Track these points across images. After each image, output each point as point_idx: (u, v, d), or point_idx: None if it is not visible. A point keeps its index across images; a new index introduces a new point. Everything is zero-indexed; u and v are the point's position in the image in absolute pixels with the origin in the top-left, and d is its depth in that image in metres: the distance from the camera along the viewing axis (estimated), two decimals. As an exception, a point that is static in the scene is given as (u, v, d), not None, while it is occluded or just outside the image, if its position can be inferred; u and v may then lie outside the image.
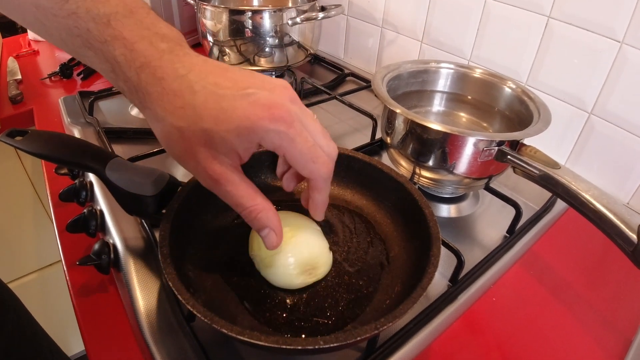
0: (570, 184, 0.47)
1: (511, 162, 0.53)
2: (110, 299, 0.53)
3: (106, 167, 0.47)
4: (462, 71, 0.70)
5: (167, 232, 0.43)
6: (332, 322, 0.43)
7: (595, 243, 0.64)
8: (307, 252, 0.46)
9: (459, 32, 0.85)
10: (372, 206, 0.55)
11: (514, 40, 0.77)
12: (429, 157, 0.57)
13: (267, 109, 0.35)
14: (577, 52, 0.70)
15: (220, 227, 0.52)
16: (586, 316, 0.53)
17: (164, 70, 0.36)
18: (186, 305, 0.36)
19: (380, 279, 0.47)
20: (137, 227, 0.57)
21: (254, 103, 0.35)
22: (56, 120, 0.88)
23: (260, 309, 0.44)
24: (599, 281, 0.58)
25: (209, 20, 0.90)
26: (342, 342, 0.34)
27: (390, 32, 1.00)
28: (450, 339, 0.49)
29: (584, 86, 0.70)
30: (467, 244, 0.60)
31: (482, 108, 0.69)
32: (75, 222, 0.57)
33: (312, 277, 0.46)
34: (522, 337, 0.50)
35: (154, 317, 0.47)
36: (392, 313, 0.36)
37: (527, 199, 0.68)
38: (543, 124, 0.54)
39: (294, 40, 0.92)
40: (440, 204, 0.66)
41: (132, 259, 0.53)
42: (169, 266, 0.39)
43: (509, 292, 0.55)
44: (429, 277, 0.40)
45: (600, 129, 0.71)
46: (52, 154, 0.49)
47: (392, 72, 0.66)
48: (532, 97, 0.61)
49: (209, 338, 0.45)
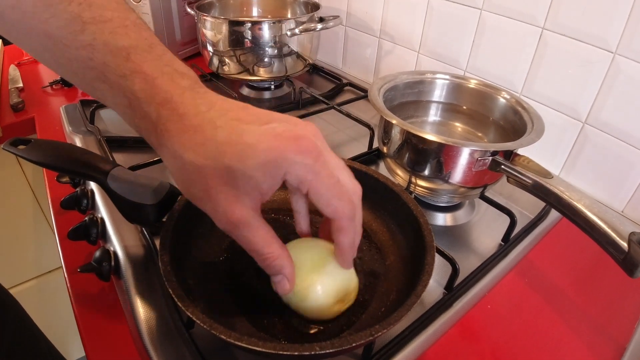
0: (563, 193, 0.48)
1: (505, 171, 0.54)
2: (110, 305, 0.54)
3: (108, 176, 0.48)
4: (457, 82, 0.71)
5: (167, 240, 0.44)
6: (329, 329, 0.44)
7: (588, 251, 0.64)
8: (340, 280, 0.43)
9: (455, 43, 0.86)
10: (368, 215, 0.56)
11: (509, 51, 0.78)
12: (424, 167, 0.58)
13: (294, 141, 0.33)
14: (570, 63, 0.71)
15: (220, 236, 0.53)
16: (580, 323, 0.54)
17: (185, 106, 0.34)
18: (185, 311, 0.37)
19: (376, 287, 0.48)
20: (137, 235, 0.58)
21: (279, 136, 0.33)
22: (57, 129, 0.89)
23: (258, 316, 0.45)
24: (592, 289, 0.59)
25: (209, 31, 0.91)
26: (338, 348, 0.35)
27: (387, 42, 1.02)
28: (446, 346, 0.50)
29: (577, 96, 0.72)
30: (462, 252, 0.61)
31: (477, 118, 0.70)
32: (77, 229, 0.58)
33: (345, 305, 0.44)
34: (517, 344, 0.51)
35: (154, 324, 0.48)
36: (387, 320, 0.37)
37: (522, 207, 0.69)
38: (536, 135, 0.55)
39: (293, 50, 0.93)
40: (436, 212, 0.67)
41: (132, 267, 0.53)
42: (169, 273, 0.40)
43: (503, 300, 0.56)
44: (423, 285, 0.41)
45: (594, 139, 0.72)
46: (55, 163, 0.50)
47: (388, 83, 0.67)
48: (526, 107, 0.62)
49: (208, 345, 0.45)
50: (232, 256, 0.51)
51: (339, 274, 0.43)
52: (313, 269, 0.42)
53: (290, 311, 0.45)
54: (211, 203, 0.35)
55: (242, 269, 0.49)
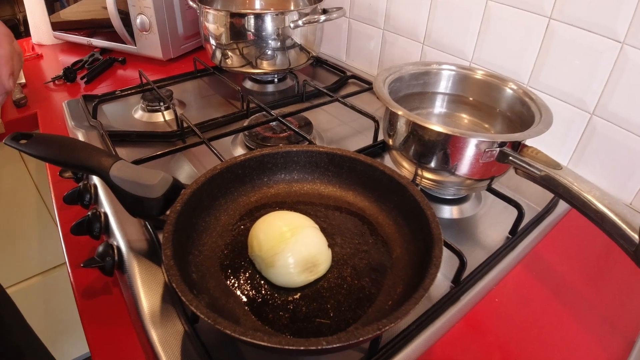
0: (572, 184, 0.47)
1: (513, 163, 0.53)
2: (114, 300, 0.53)
3: (110, 170, 0.48)
4: (463, 73, 0.70)
5: (170, 234, 0.43)
6: (335, 323, 0.43)
7: (597, 243, 0.64)
8: (306, 250, 0.46)
9: (461, 34, 0.85)
10: (374, 208, 0.55)
11: (515, 41, 0.77)
12: (430, 159, 0.57)
13: None
14: (578, 53, 0.70)
15: (223, 229, 0.52)
16: (588, 317, 0.53)
17: None
18: (189, 306, 0.36)
19: (382, 280, 0.48)
20: (140, 229, 0.58)
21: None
22: (60, 124, 0.89)
23: (263, 310, 0.44)
24: (601, 282, 0.58)
25: (212, 24, 0.90)
26: (345, 343, 0.34)
27: (391, 34, 1.00)
28: (453, 340, 0.50)
29: (585, 87, 0.70)
30: (469, 245, 0.60)
31: (484, 109, 0.69)
32: (80, 224, 0.57)
33: (313, 275, 0.47)
34: (524, 338, 0.50)
35: (158, 319, 0.47)
36: (394, 314, 0.37)
37: (529, 199, 0.68)
38: (544, 125, 0.54)
39: (296, 43, 0.92)
40: (442, 205, 0.66)
41: (135, 261, 0.53)
42: (173, 268, 0.40)
43: (511, 293, 0.55)
44: (431, 278, 0.40)
45: (602, 130, 0.71)
46: (57, 157, 0.49)
47: (393, 74, 0.66)
48: (534, 98, 0.61)
49: (212, 339, 0.45)
50: (235, 249, 0.50)
51: (306, 245, 0.47)
52: (281, 239, 0.46)
53: (296, 304, 0.45)
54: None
55: (246, 262, 0.49)
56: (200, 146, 0.72)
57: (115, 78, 1.10)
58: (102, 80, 1.09)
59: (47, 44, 1.29)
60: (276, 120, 0.79)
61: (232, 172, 0.54)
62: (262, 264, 0.47)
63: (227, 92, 0.99)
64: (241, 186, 0.56)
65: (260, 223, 0.49)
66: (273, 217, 0.49)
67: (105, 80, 1.09)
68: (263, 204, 0.56)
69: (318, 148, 0.57)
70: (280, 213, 0.51)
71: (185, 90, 1.00)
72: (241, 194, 0.56)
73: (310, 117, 0.85)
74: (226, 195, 0.55)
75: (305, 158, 0.58)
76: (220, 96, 0.98)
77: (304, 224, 0.48)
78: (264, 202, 0.56)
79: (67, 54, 1.24)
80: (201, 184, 0.50)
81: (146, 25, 1.09)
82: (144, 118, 0.87)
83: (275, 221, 0.48)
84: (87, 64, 1.14)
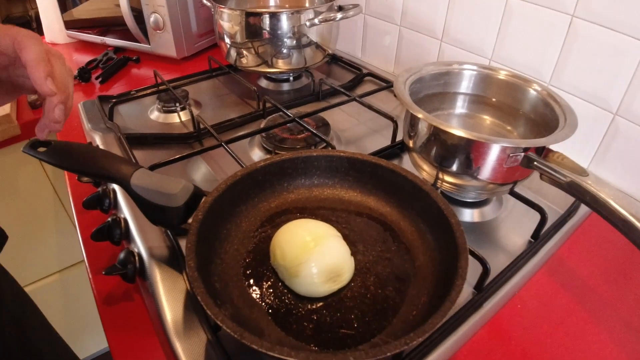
0: (599, 192, 0.46)
1: (538, 168, 0.52)
2: (135, 307, 0.53)
3: (131, 178, 0.48)
4: (485, 73, 0.68)
5: (193, 245, 0.43)
6: (359, 334, 0.43)
7: (619, 247, 0.62)
8: (330, 260, 0.46)
9: (480, 31, 0.84)
10: (396, 213, 0.55)
11: (536, 39, 0.76)
12: (452, 163, 0.57)
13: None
14: (601, 52, 0.68)
15: (244, 236, 0.52)
16: (612, 322, 0.52)
17: None
18: (215, 320, 0.36)
19: (406, 289, 0.47)
20: (161, 235, 0.57)
21: None
22: (76, 125, 0.89)
23: (287, 321, 0.44)
24: (624, 286, 0.57)
25: (226, 22, 0.90)
26: (372, 358, 0.34)
27: (408, 30, 0.99)
28: (476, 348, 0.49)
29: (608, 86, 0.69)
30: (491, 250, 0.59)
31: (506, 111, 0.67)
32: (100, 230, 0.58)
33: (336, 284, 0.47)
34: (548, 344, 0.49)
35: (181, 327, 0.47)
36: (421, 328, 0.36)
37: (550, 202, 0.67)
38: (570, 129, 0.53)
39: (312, 41, 0.91)
40: (462, 208, 0.65)
41: (157, 268, 0.53)
42: (197, 280, 0.39)
43: (534, 299, 0.55)
44: (457, 290, 0.39)
45: (625, 131, 0.69)
46: (76, 167, 0.49)
47: (414, 75, 0.65)
48: (558, 100, 0.60)
49: (235, 348, 0.45)
50: (257, 257, 0.50)
51: (331, 254, 0.46)
52: (305, 249, 0.45)
53: (320, 314, 0.45)
54: None
55: (268, 270, 0.49)
56: (217, 148, 0.72)
57: (130, 77, 1.10)
58: (116, 79, 1.09)
59: (61, 42, 1.30)
60: (293, 121, 0.78)
61: (252, 178, 0.54)
62: (285, 273, 0.46)
63: (243, 92, 0.99)
64: (261, 192, 0.56)
65: (283, 232, 0.49)
66: (296, 226, 0.49)
67: (120, 80, 1.09)
68: (284, 209, 0.56)
69: (339, 153, 0.57)
70: (302, 221, 0.50)
71: (201, 90, 1.00)
72: (261, 199, 0.56)
73: (327, 116, 0.84)
74: (247, 202, 0.54)
75: (325, 163, 0.57)
76: (235, 96, 0.97)
77: (327, 233, 0.48)
78: (284, 208, 0.56)
79: (80, 53, 1.24)
80: (222, 192, 0.50)
81: (160, 23, 1.08)
82: (160, 119, 0.87)
83: (298, 230, 0.48)
84: (101, 64, 1.14)
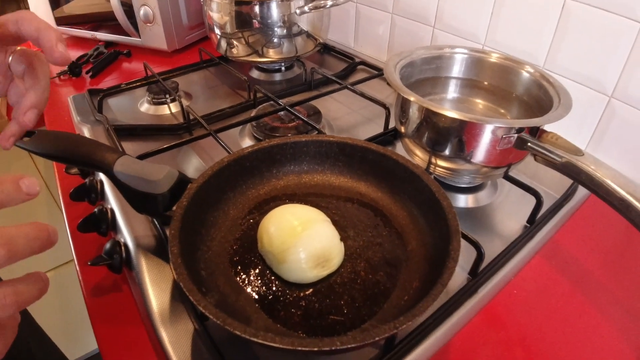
0: (595, 171, 0.45)
1: (532, 149, 0.51)
2: (123, 298, 0.52)
3: (114, 165, 0.46)
4: (477, 56, 0.67)
5: (176, 231, 0.42)
6: (349, 320, 0.42)
7: (618, 230, 0.61)
8: (319, 244, 0.45)
9: (473, 16, 0.82)
10: (387, 198, 0.54)
11: (530, 22, 0.74)
12: (445, 146, 0.55)
13: None
14: (596, 34, 0.67)
15: (232, 223, 0.51)
16: (610, 307, 0.51)
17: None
18: (198, 306, 0.35)
19: (397, 274, 0.46)
20: (148, 225, 0.56)
21: None
22: (66, 119, 0.88)
23: (275, 308, 0.43)
24: (623, 271, 0.56)
25: (216, 13, 0.88)
26: (360, 343, 0.33)
27: (401, 18, 0.98)
28: (471, 334, 0.48)
29: (603, 69, 0.68)
30: (486, 235, 0.58)
31: (499, 94, 0.66)
32: (86, 221, 0.56)
33: (325, 270, 0.45)
34: (545, 330, 0.48)
35: (167, 316, 0.46)
36: (411, 311, 0.35)
37: (546, 186, 0.66)
38: (564, 110, 0.52)
39: (303, 29, 0.90)
40: (456, 193, 0.64)
41: (143, 258, 0.52)
42: (180, 266, 0.38)
43: (530, 284, 0.54)
44: (449, 273, 0.38)
45: (621, 113, 0.68)
46: (60, 154, 0.48)
47: (404, 59, 0.63)
48: (552, 81, 0.59)
49: (223, 336, 0.44)
50: (245, 244, 0.49)
51: (318, 239, 0.45)
52: (292, 233, 0.44)
53: (309, 301, 0.43)
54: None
55: (256, 258, 0.47)
56: (207, 139, 0.71)
57: (121, 71, 1.09)
58: (107, 73, 1.08)
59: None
60: (284, 109, 0.77)
61: (239, 164, 0.53)
62: (272, 259, 0.45)
63: (234, 82, 0.97)
64: (250, 179, 0.54)
65: (270, 217, 0.47)
66: (283, 211, 0.48)
67: (111, 74, 1.07)
68: (273, 196, 0.55)
69: (328, 138, 0.55)
70: (290, 206, 0.49)
71: (191, 82, 0.98)
72: (250, 186, 0.54)
73: (319, 105, 0.83)
74: (234, 189, 0.53)
75: (315, 148, 0.56)
76: (227, 86, 0.96)
77: (315, 217, 0.47)
78: (273, 195, 0.55)
79: (72, 49, 1.22)
80: (208, 178, 0.49)
81: (150, 16, 1.07)
82: (150, 111, 0.86)
83: (285, 215, 0.47)
84: (92, 58, 1.13)
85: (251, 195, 0.54)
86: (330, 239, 0.46)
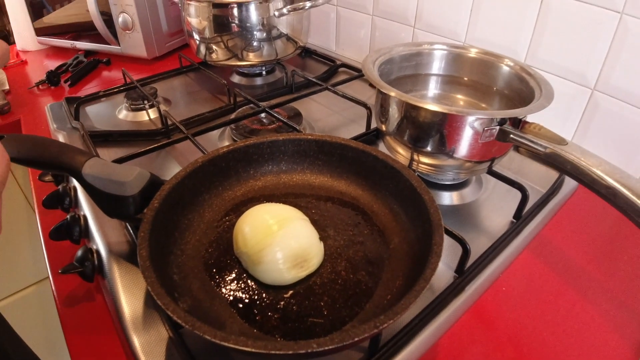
0: (580, 160, 0.44)
1: (514, 141, 0.49)
2: (96, 307, 0.50)
3: (83, 167, 0.44)
4: (456, 52, 0.66)
5: (146, 233, 0.40)
6: (329, 322, 0.40)
7: (606, 223, 0.60)
8: (296, 244, 0.43)
9: (452, 14, 0.82)
10: (368, 196, 0.52)
11: (510, 17, 0.74)
12: (427, 142, 0.54)
13: None
14: (576, 26, 0.66)
15: (207, 226, 0.49)
16: (601, 300, 0.50)
17: None
18: (166, 310, 0.33)
19: (380, 273, 0.44)
20: (122, 231, 0.54)
21: None
22: (43, 128, 0.86)
23: (251, 312, 0.41)
24: (613, 263, 0.55)
25: (194, 18, 0.87)
26: (338, 344, 0.31)
27: (381, 19, 0.97)
28: (459, 334, 0.46)
29: (585, 61, 0.67)
30: (472, 232, 0.57)
31: (480, 89, 0.65)
32: (58, 228, 0.54)
33: (304, 271, 0.44)
34: (536, 327, 0.47)
35: (140, 324, 0.44)
36: (393, 309, 0.33)
37: (532, 181, 0.64)
38: (546, 99, 0.51)
39: (282, 32, 0.89)
40: (441, 191, 0.63)
41: (116, 264, 0.50)
42: (149, 269, 0.36)
43: (519, 281, 0.52)
44: (432, 268, 0.37)
45: (605, 105, 0.67)
46: (29, 157, 0.46)
47: (383, 56, 0.62)
48: (532, 73, 0.58)
49: (199, 345, 0.42)
50: (220, 247, 0.47)
51: (296, 238, 0.43)
52: (268, 232, 0.42)
53: (287, 303, 0.42)
54: None
55: (232, 260, 0.46)
56: (186, 143, 0.69)
57: (101, 79, 1.07)
58: (86, 82, 1.06)
59: (32, 49, 1.27)
60: (264, 111, 0.75)
61: (215, 164, 0.51)
62: (248, 261, 0.43)
63: (214, 87, 0.96)
64: (226, 180, 0.53)
65: (245, 217, 0.45)
66: (259, 210, 0.46)
67: (90, 82, 1.06)
68: (250, 197, 0.53)
69: (306, 136, 0.54)
70: (266, 205, 0.47)
71: (171, 88, 0.96)
72: (226, 188, 0.52)
73: (300, 107, 0.82)
74: (210, 190, 0.51)
75: (292, 147, 0.54)
76: (207, 92, 0.94)
77: (292, 215, 0.45)
78: (251, 196, 0.53)
79: (52, 59, 1.21)
80: (181, 179, 0.47)
81: (129, 23, 1.05)
82: (129, 117, 0.84)
83: (261, 214, 0.45)
84: (71, 67, 1.11)
85: (227, 197, 0.52)
86: (308, 237, 0.44)
